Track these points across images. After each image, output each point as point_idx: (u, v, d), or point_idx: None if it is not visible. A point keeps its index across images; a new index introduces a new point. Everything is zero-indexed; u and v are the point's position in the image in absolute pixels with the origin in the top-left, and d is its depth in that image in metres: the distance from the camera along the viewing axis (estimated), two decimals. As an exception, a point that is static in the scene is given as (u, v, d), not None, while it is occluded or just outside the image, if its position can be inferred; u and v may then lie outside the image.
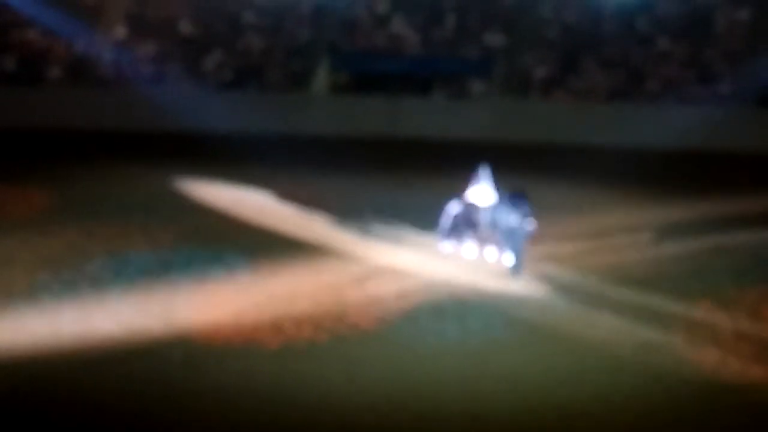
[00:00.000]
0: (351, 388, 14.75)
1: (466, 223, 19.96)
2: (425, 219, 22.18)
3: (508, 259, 19.31)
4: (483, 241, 19.98)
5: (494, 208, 19.62)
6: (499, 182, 19.99)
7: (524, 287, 18.75)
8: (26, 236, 21.11)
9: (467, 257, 20.09)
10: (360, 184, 25.75)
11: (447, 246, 20.23)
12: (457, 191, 20.21)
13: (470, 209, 19.94)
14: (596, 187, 25.74)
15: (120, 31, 33.87)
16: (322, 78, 33.54)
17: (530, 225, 18.96)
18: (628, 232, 22.04)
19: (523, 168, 27.42)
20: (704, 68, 31.89)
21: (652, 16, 33.20)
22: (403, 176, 26.69)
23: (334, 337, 16.43)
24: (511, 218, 18.92)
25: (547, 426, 13.92)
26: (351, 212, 23.06)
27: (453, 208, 20.04)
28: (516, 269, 19.03)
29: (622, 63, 32.37)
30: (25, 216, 22.72)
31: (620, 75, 32.15)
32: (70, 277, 18.84)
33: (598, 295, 18.44)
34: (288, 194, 24.56)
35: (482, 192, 19.92)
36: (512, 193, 19.36)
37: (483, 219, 19.73)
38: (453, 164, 27.89)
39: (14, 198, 23.95)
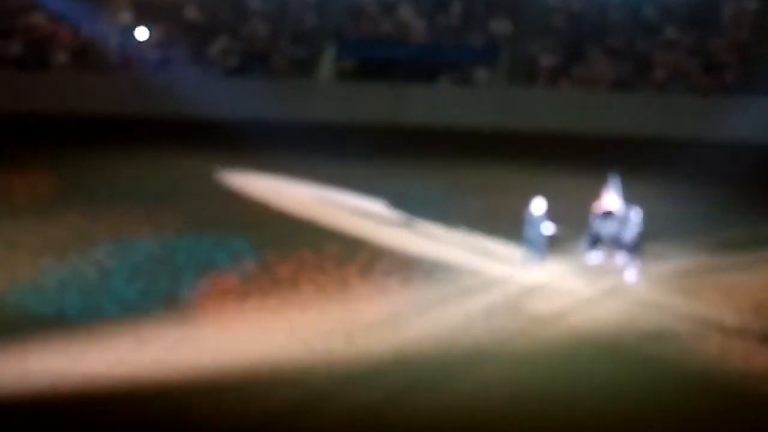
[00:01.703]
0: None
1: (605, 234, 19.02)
2: (429, 204, 22.34)
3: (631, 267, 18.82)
4: (613, 249, 19.14)
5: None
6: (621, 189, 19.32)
7: (537, 276, 18.77)
8: (31, 221, 21.17)
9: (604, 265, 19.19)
10: (366, 171, 25.71)
11: (594, 257, 19.25)
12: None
13: (607, 219, 19.01)
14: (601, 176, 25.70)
15: (126, 17, 33.85)
16: (327, 65, 33.50)
17: (549, 230, 19.00)
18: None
19: (527, 156, 27.49)
20: (711, 57, 31.80)
21: (658, 5, 33.12)
22: (408, 163, 26.67)
23: (340, 324, 16.48)
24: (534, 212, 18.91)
25: (552, 412, 13.95)
26: (359, 198, 23.18)
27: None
28: (533, 258, 19.06)
29: (628, 52, 32.30)
30: (30, 201, 22.75)
31: (626, 64, 32.08)
32: (74, 262, 18.90)
33: (609, 285, 18.51)
34: (295, 180, 24.64)
35: (613, 201, 19.15)
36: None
37: (612, 228, 18.95)
38: (458, 152, 28.05)
39: (19, 183, 23.97)
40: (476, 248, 20.16)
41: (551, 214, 19.06)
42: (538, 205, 18.96)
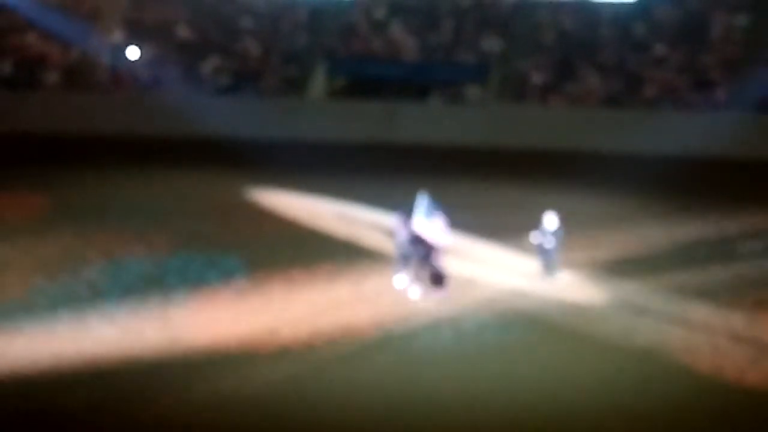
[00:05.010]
0: (349, 393, 14.80)
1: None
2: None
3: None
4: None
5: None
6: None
7: (535, 287, 18.82)
8: (22, 241, 21.13)
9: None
10: (357, 188, 25.71)
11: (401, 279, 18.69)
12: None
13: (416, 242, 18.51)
14: (590, 193, 25.74)
15: (117, 36, 33.90)
16: (319, 83, 33.59)
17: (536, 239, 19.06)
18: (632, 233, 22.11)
19: (518, 174, 27.54)
20: (701, 74, 31.92)
21: (648, 22, 33.26)
22: (399, 180, 26.67)
23: (332, 342, 16.45)
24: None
25: (541, 427, 13.95)
26: (351, 213, 23.22)
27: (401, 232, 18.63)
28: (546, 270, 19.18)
29: (619, 68, 32.41)
30: (22, 221, 22.73)
31: (616, 80, 32.19)
32: (66, 282, 18.86)
33: (599, 296, 18.52)
34: (287, 198, 24.66)
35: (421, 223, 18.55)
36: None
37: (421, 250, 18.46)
38: (449, 169, 28.08)
39: (10, 203, 23.96)
40: (470, 260, 20.21)
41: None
42: (551, 221, 18.99)
